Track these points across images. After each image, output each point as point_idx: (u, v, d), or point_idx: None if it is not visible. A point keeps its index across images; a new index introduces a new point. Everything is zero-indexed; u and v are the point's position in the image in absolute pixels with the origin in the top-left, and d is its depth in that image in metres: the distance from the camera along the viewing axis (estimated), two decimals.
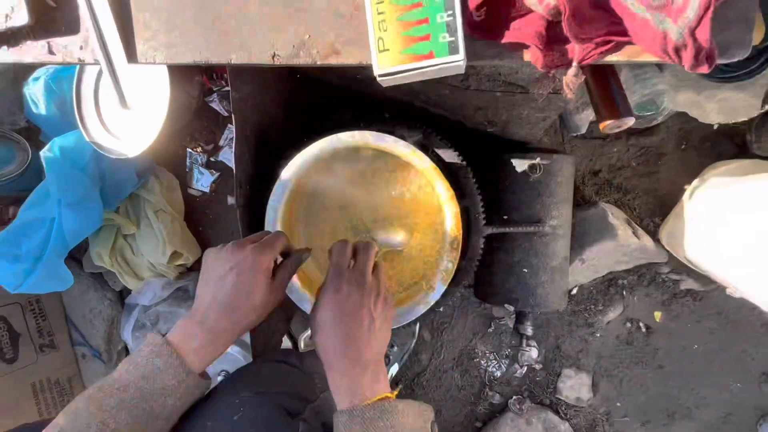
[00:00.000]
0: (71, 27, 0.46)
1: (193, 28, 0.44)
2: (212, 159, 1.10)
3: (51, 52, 0.47)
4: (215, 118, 1.08)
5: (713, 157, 0.92)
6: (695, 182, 0.87)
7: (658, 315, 1.02)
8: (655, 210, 0.98)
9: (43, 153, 0.90)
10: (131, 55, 0.45)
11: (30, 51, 0.48)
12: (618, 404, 1.05)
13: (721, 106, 0.77)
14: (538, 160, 0.76)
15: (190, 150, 1.09)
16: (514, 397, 1.06)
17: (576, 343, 1.04)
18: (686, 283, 0.97)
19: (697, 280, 0.96)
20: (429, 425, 0.46)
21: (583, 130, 0.88)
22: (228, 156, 1.09)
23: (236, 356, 0.89)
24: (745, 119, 0.80)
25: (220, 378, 0.95)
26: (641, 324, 1.02)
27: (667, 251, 0.94)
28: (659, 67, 0.73)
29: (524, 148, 0.83)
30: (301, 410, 0.55)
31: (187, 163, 1.10)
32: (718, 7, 0.32)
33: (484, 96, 0.61)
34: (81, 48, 0.47)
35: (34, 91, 1.01)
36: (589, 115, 0.83)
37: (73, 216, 0.89)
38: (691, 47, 0.31)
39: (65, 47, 0.47)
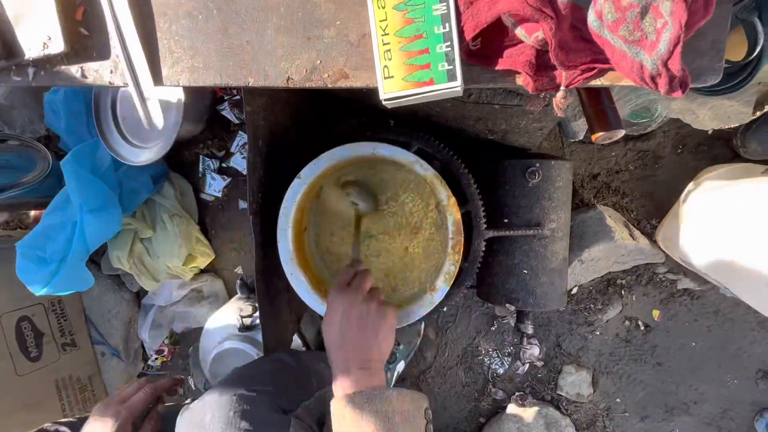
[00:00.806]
0: (102, 53, 0.50)
1: (214, 54, 0.48)
2: (224, 165, 1.14)
3: (83, 76, 0.51)
4: (226, 125, 1.12)
5: (709, 160, 0.95)
6: (690, 185, 0.90)
7: (656, 313, 1.05)
8: (652, 212, 1.01)
9: (64, 162, 0.95)
10: (157, 79, 0.50)
11: (64, 75, 0.52)
12: (618, 400, 1.08)
13: (714, 113, 0.80)
14: (537, 166, 0.79)
15: (203, 156, 1.14)
16: (517, 393, 1.09)
17: (576, 341, 1.08)
18: (683, 282, 1.00)
19: (694, 280, 0.99)
20: (422, 411, 0.51)
21: (581, 136, 0.91)
22: (239, 162, 1.14)
23: (250, 354, 0.93)
24: (738, 125, 0.82)
25: None
26: (640, 322, 1.05)
27: (664, 252, 0.97)
28: None
29: (524, 154, 0.86)
30: (294, 408, 0.61)
31: (200, 169, 1.14)
32: (691, 38, 0.36)
33: (484, 108, 0.65)
34: (111, 72, 0.51)
35: (54, 102, 1.06)
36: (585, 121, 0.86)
37: (94, 221, 0.94)
38: (665, 76, 0.34)
39: (96, 71, 0.51)
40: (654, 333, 1.05)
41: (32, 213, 1.24)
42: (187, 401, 0.95)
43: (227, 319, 1.00)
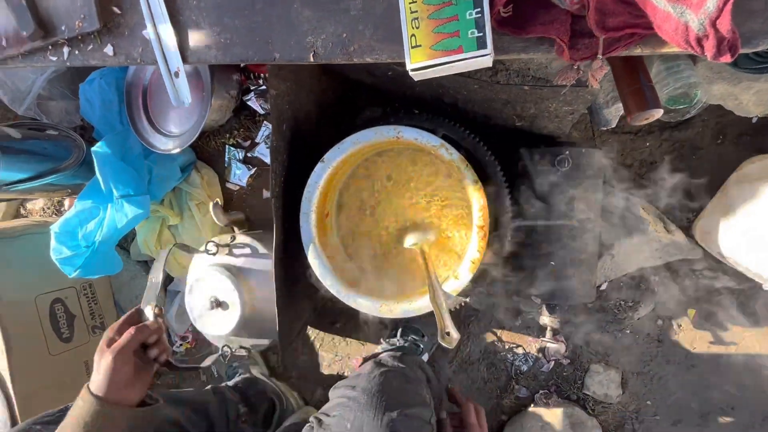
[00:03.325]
0: (133, 30, 0.51)
1: (241, 30, 0.48)
2: (249, 155, 1.15)
3: (115, 54, 0.52)
4: (252, 115, 1.13)
5: (752, 151, 0.90)
6: (732, 177, 0.85)
7: (692, 313, 1.00)
8: (689, 205, 0.96)
9: (96, 149, 0.97)
10: (185, 55, 0.50)
11: (96, 54, 0.53)
12: (648, 402, 1.04)
13: (759, 98, 0.75)
14: (566, 154, 0.76)
15: (229, 146, 1.15)
16: (541, 392, 1.06)
17: (605, 338, 1.04)
18: (722, 280, 0.95)
19: (734, 278, 0.94)
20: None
21: (613, 124, 0.87)
22: (264, 152, 1.15)
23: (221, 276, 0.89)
24: None
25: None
26: (673, 321, 1.00)
27: (702, 247, 0.92)
28: (692, 59, 0.72)
29: (553, 142, 0.84)
30: None
31: (226, 159, 1.16)
32: None
33: (513, 90, 0.63)
34: (141, 49, 0.52)
35: (89, 93, 1.09)
36: (619, 108, 0.83)
37: (124, 207, 0.96)
38: (712, 38, 0.32)
39: (127, 50, 0.52)
40: (689, 333, 1.00)
41: (67, 200, 1.28)
42: (207, 387, 0.97)
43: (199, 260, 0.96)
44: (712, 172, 0.92)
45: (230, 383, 1.03)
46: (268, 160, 1.14)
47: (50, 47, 0.54)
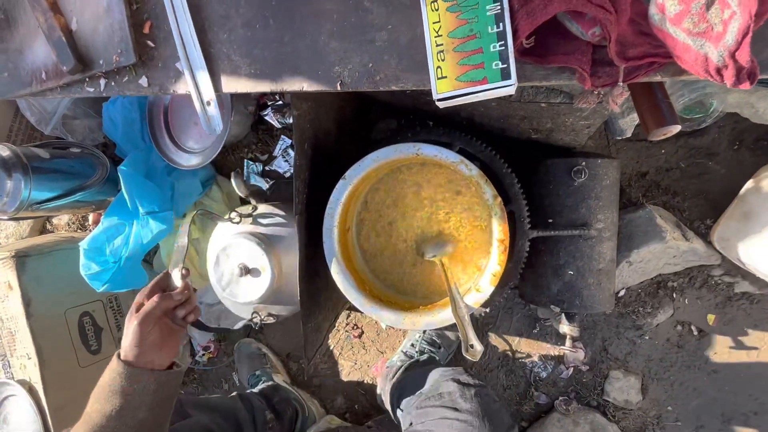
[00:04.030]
0: (167, 63, 0.54)
1: (270, 61, 0.50)
2: (267, 168, 1.18)
3: (150, 84, 0.55)
4: (269, 130, 1.16)
5: None
6: (749, 183, 0.85)
7: (711, 318, 1.00)
8: (706, 212, 0.96)
9: (121, 168, 1.01)
10: (217, 85, 0.52)
11: (131, 85, 0.56)
12: (669, 408, 1.04)
13: None
14: (582, 165, 0.77)
15: (247, 160, 1.18)
16: (561, 398, 1.07)
17: (624, 345, 1.04)
18: (741, 285, 0.95)
19: (754, 283, 0.94)
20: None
21: (629, 134, 0.88)
22: (281, 165, 1.17)
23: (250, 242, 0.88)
24: None
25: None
26: (693, 327, 1.00)
27: (720, 253, 0.92)
28: None
29: (569, 153, 0.85)
30: None
31: (245, 173, 1.18)
32: (761, 27, 0.35)
33: (529, 106, 0.64)
34: (174, 81, 0.54)
35: (112, 111, 1.13)
36: (634, 118, 0.84)
37: (149, 223, 0.99)
38: (732, 68, 0.33)
39: (161, 81, 0.55)
40: (709, 338, 1.00)
41: (91, 215, 1.32)
42: (233, 394, 0.99)
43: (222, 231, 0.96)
44: (729, 178, 0.93)
45: (255, 390, 1.06)
46: (284, 173, 1.16)
47: (87, 79, 0.57)
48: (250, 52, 0.50)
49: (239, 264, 0.88)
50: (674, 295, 1.00)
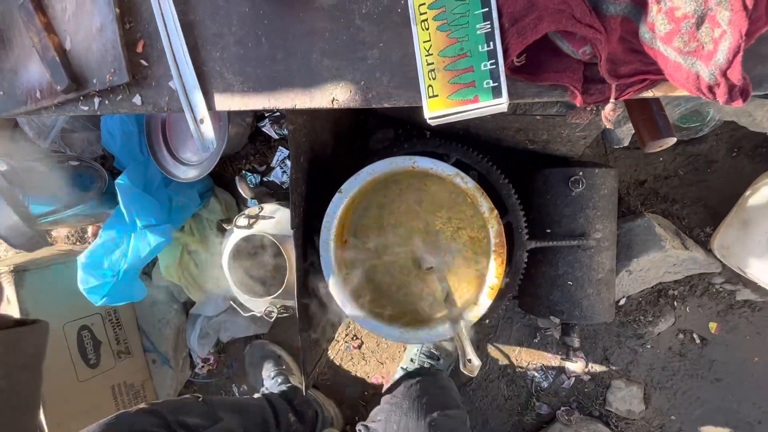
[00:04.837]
0: (160, 81, 0.54)
1: (263, 79, 0.50)
2: (265, 179, 1.18)
3: (143, 103, 0.55)
4: (267, 141, 1.16)
5: None
6: (749, 191, 0.85)
7: (713, 326, 0.99)
8: (706, 219, 0.95)
9: (119, 181, 1.01)
10: (210, 103, 0.52)
11: (125, 103, 0.56)
12: (672, 417, 1.03)
13: None
14: (580, 175, 0.77)
15: (245, 171, 1.18)
16: (563, 408, 1.06)
17: (625, 354, 1.03)
18: (742, 293, 0.94)
19: (755, 291, 0.93)
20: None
21: (626, 143, 0.88)
22: (279, 176, 1.17)
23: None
24: None
25: None
26: (695, 335, 1.00)
27: (721, 261, 0.92)
28: None
29: (566, 162, 0.84)
30: None
31: None
32: (752, 44, 0.34)
33: (524, 119, 0.64)
34: (168, 99, 0.54)
35: (110, 124, 1.13)
36: (631, 128, 0.83)
37: (147, 236, 0.99)
38: (723, 86, 0.33)
39: (155, 98, 0.55)
40: (711, 347, 0.99)
41: (91, 227, 1.32)
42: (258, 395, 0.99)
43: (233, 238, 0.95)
44: (728, 186, 0.92)
45: (275, 391, 1.05)
46: (281, 183, 1.16)
47: (81, 98, 0.57)
48: (242, 70, 0.50)
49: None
50: (675, 303, 0.99)
